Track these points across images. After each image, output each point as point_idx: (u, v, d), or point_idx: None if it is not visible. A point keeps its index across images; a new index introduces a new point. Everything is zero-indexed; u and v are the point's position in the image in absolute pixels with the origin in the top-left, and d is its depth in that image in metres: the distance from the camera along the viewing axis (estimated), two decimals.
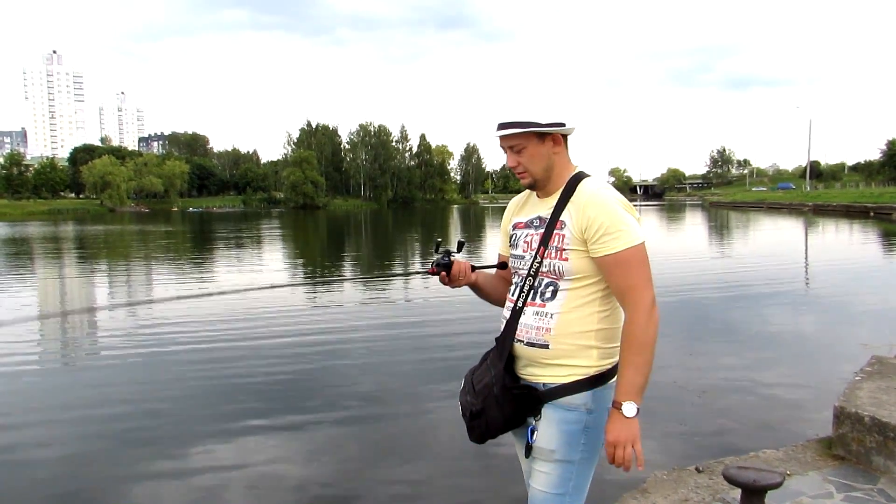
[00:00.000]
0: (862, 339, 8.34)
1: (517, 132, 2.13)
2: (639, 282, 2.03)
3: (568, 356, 2.10)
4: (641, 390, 2.03)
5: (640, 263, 2.05)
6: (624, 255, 2.03)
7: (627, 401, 2.00)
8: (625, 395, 2.01)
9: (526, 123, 2.12)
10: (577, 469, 2.13)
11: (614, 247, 2.03)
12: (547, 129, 2.14)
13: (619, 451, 2.00)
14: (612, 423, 2.02)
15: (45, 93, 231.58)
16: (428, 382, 7.10)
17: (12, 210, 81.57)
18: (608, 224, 2.03)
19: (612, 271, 2.05)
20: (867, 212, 47.35)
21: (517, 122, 2.13)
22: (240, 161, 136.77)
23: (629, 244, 2.03)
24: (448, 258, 2.34)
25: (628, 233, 2.03)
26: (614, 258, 2.04)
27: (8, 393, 7.07)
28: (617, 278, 2.06)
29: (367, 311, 11.74)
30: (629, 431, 2.00)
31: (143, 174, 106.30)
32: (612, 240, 2.03)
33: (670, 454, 4.95)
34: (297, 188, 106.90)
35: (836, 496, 3.61)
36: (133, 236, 37.39)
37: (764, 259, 19.33)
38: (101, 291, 15.73)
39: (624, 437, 1.99)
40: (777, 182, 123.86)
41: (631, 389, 2.01)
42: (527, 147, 2.15)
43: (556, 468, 2.13)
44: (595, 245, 2.06)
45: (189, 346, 8.81)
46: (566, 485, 2.13)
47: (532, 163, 2.16)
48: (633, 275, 2.03)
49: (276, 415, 6.15)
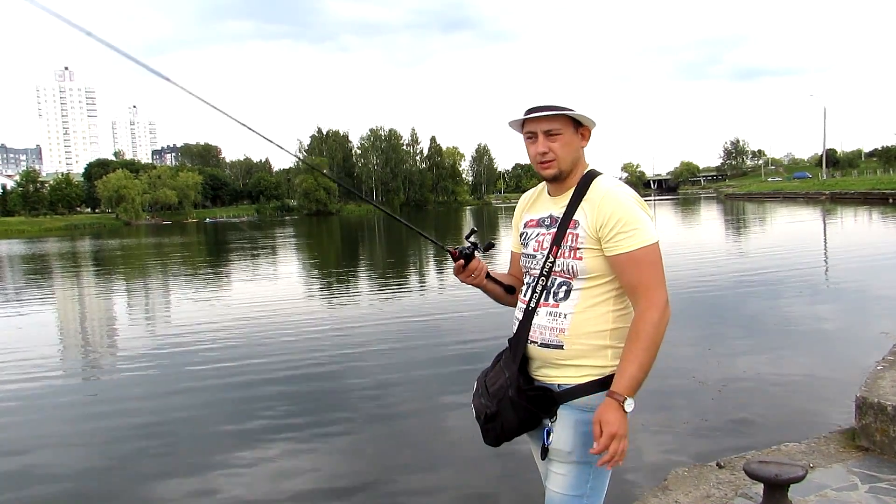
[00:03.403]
0: (883, 327, 8.23)
1: (558, 114, 2.10)
2: (652, 281, 2.01)
3: (583, 356, 2.08)
4: (639, 387, 2.00)
5: (653, 262, 2.03)
6: (638, 253, 2.01)
7: (630, 396, 1.97)
8: (627, 389, 1.97)
9: (569, 108, 2.09)
10: (594, 471, 2.10)
11: (629, 245, 2.01)
12: (587, 120, 2.13)
13: (615, 443, 1.96)
14: (612, 414, 1.96)
15: (59, 109, 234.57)
16: (443, 385, 7.09)
17: (30, 227, 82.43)
18: (624, 222, 2.02)
19: (626, 270, 2.03)
20: (886, 198, 46.71)
21: (561, 106, 2.09)
22: (252, 170, 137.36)
23: (644, 243, 2.01)
24: (473, 250, 2.26)
25: (643, 231, 2.02)
26: (629, 256, 2.02)
27: (27, 407, 7.14)
28: (630, 277, 2.04)
29: (383, 314, 11.75)
30: (626, 427, 1.97)
31: (158, 187, 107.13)
32: (626, 238, 2.01)
33: (691, 450, 4.92)
34: (309, 195, 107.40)
35: (860, 488, 3.56)
36: (151, 249, 37.70)
37: (781, 250, 19.14)
38: (120, 304, 15.85)
39: (623, 430, 1.96)
40: (793, 172, 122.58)
41: (632, 384, 1.98)
42: (563, 134, 2.12)
43: (572, 470, 2.11)
44: (609, 243, 2.04)
45: (204, 354, 8.86)
46: (583, 486, 2.11)
47: (564, 151, 2.12)
48: (647, 273, 2.01)
49: (294, 419, 6.18)
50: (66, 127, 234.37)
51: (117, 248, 38.39)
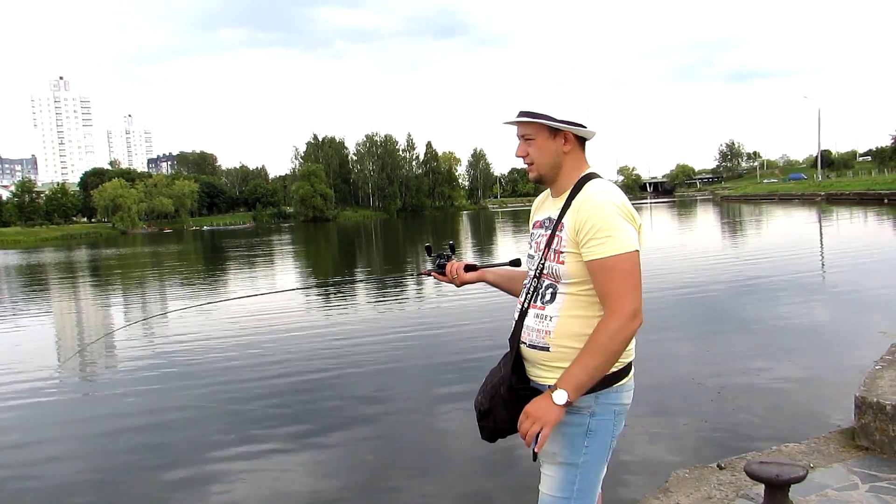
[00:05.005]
0: (881, 326, 8.25)
1: (527, 121, 2.13)
2: (621, 290, 1.99)
3: (568, 359, 2.07)
4: (580, 388, 1.99)
5: (626, 272, 1.99)
6: (610, 261, 1.99)
7: (561, 388, 1.97)
8: (563, 382, 1.98)
9: (539, 115, 2.11)
10: (580, 472, 2.12)
11: (601, 252, 2.00)
12: (558, 126, 2.12)
13: (526, 423, 1.99)
14: (540, 400, 2.00)
15: (54, 119, 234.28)
16: (441, 389, 7.08)
17: (26, 237, 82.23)
18: (598, 228, 2.00)
19: (597, 276, 2.02)
20: (881, 199, 46.85)
21: (531, 113, 2.12)
22: (248, 177, 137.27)
23: (616, 251, 1.99)
24: (444, 260, 2.50)
25: (617, 239, 1.99)
26: (600, 263, 2.01)
27: (27, 416, 7.11)
28: (600, 284, 2.02)
29: (380, 318, 11.74)
30: (547, 413, 1.97)
31: (154, 195, 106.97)
32: (599, 245, 2.00)
33: (691, 452, 4.92)
34: (306, 202, 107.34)
35: (861, 487, 3.56)
36: (148, 258, 37.63)
37: (777, 251, 19.16)
38: (116, 312, 15.81)
39: (539, 415, 1.98)
40: (788, 173, 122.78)
41: (571, 380, 1.98)
42: (536, 139, 2.15)
43: (559, 471, 2.14)
44: (584, 248, 2.04)
45: (201, 362, 8.84)
46: (570, 488, 2.12)
47: (539, 156, 2.15)
48: (616, 282, 1.99)
49: (291, 426, 6.16)
50: (61, 136, 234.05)
51: (113, 258, 38.30)
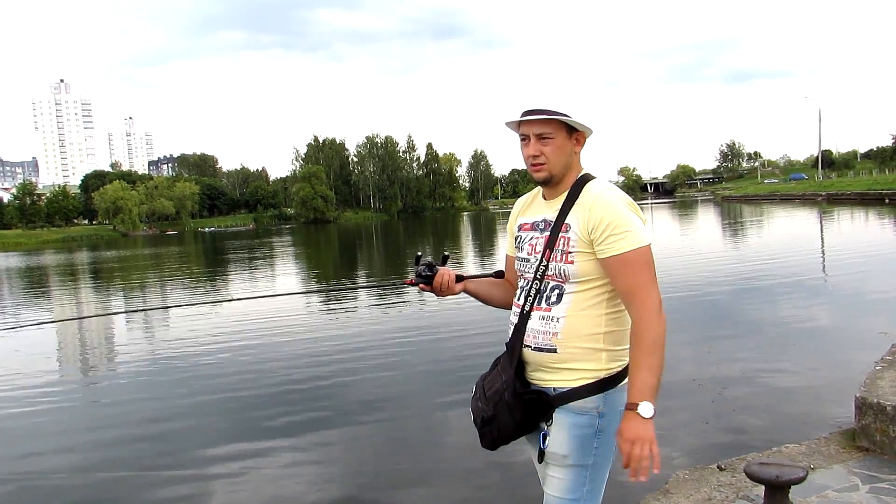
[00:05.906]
0: (881, 327, 8.22)
1: (550, 118, 2.09)
2: (645, 283, 2.01)
3: (576, 360, 2.08)
4: (655, 391, 1.99)
5: (645, 265, 2.03)
6: (629, 255, 2.01)
7: (644, 401, 1.96)
8: (639, 395, 1.97)
9: (563, 113, 2.09)
10: (590, 473, 2.11)
11: (620, 248, 2.01)
12: (580, 125, 2.12)
13: (636, 448, 1.94)
14: (629, 423, 1.97)
15: (55, 121, 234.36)
16: (441, 392, 7.07)
17: (27, 239, 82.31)
18: (614, 225, 2.02)
19: (618, 272, 2.04)
20: (882, 198, 46.85)
21: (554, 111, 2.08)
22: (249, 179, 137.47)
23: (635, 245, 2.01)
24: (431, 270, 2.40)
25: (634, 234, 2.02)
26: (620, 259, 2.02)
27: (27, 417, 7.10)
28: (622, 280, 2.04)
29: (380, 320, 11.74)
30: (647, 431, 1.96)
31: (154, 197, 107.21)
32: (617, 240, 2.01)
33: (691, 453, 4.91)
34: (307, 203, 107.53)
35: (861, 488, 3.56)
36: (149, 259, 37.64)
37: (778, 251, 19.15)
38: (118, 314, 15.80)
39: (643, 435, 1.95)
40: (789, 173, 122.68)
41: (645, 390, 1.97)
42: (555, 138, 2.11)
43: (569, 473, 2.11)
44: (601, 246, 2.04)
45: (202, 363, 8.85)
46: (580, 489, 2.11)
47: (555, 155, 2.12)
48: (639, 276, 2.01)
49: (292, 428, 6.15)
50: (62, 139, 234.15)
51: (114, 260, 38.32)
